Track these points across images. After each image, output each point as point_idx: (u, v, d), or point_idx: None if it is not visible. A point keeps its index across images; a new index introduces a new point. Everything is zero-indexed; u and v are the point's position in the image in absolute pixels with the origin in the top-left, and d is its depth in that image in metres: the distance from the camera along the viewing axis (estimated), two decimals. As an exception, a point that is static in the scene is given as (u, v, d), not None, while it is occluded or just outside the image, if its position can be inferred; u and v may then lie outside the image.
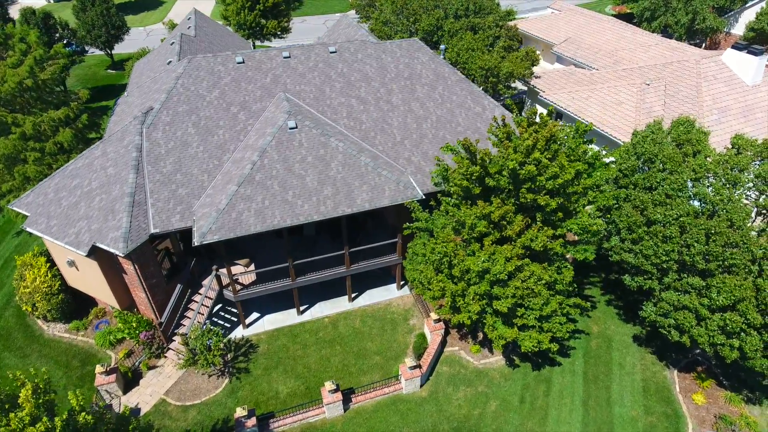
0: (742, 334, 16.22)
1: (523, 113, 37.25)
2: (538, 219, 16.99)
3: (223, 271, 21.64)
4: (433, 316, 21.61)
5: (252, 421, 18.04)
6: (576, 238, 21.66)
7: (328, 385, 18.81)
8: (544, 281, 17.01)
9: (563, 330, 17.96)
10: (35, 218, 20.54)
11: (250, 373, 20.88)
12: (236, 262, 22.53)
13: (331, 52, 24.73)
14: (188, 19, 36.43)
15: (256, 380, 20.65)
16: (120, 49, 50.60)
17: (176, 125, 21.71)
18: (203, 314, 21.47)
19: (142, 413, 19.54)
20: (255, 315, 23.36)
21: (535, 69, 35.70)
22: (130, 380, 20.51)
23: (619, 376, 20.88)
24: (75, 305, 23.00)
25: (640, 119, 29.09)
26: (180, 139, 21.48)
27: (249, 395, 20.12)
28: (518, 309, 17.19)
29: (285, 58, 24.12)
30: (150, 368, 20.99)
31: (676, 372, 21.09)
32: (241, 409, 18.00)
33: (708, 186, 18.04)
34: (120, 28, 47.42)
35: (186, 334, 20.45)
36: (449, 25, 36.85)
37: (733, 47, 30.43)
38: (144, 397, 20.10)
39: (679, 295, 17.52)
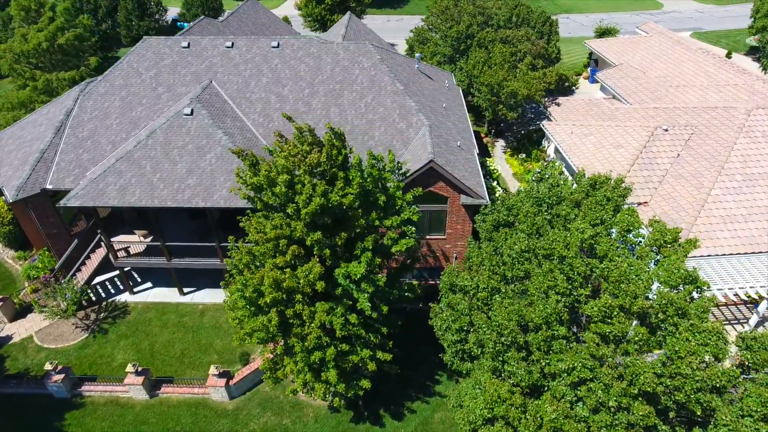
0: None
1: (543, 142, 32.89)
2: (314, 252, 14.93)
3: (124, 237, 23.28)
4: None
5: (59, 377, 19.24)
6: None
7: (130, 367, 19.13)
8: (317, 323, 14.97)
9: (341, 385, 15.64)
10: (-14, 158, 24.30)
11: (106, 335, 22.17)
12: (134, 231, 23.95)
13: (272, 47, 24.51)
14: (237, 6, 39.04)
15: (106, 343, 21.87)
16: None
17: (107, 97, 23.68)
18: (90, 269, 23.30)
19: (10, 342, 22.10)
20: (148, 284, 24.61)
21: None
22: (19, 312, 23.29)
23: (442, 462, 17.52)
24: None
25: (634, 169, 23.44)
26: (104, 109, 23.39)
27: (92, 354, 21.41)
28: (278, 346, 15.41)
29: (227, 48, 24.59)
30: (43, 307, 23.52)
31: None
32: (49, 364, 19.32)
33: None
34: (217, 10, 52.81)
35: (61, 284, 22.45)
36: (482, 35, 33.67)
37: (802, 99, 22.70)
38: (21, 330, 22.67)
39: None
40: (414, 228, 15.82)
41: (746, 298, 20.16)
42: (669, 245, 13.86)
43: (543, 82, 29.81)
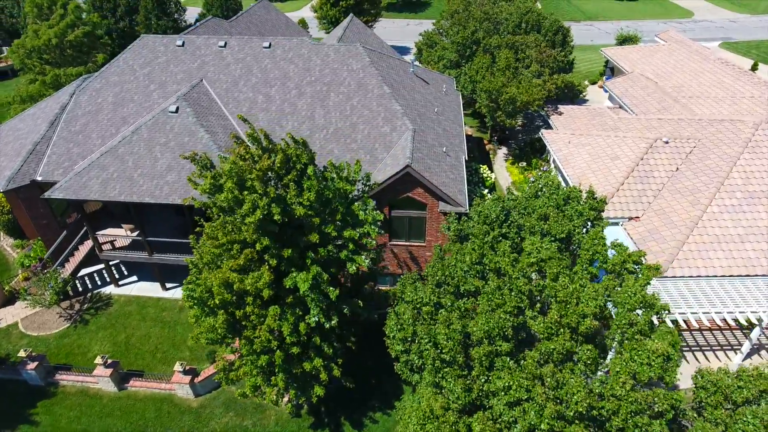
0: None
1: (546, 151, 31.93)
2: (266, 259, 14.69)
3: (111, 231, 23.73)
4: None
5: (32, 365, 19.63)
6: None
7: (98, 359, 19.35)
8: (266, 327, 14.76)
9: (292, 392, 15.39)
10: (-13, 148, 25.15)
11: (87, 326, 22.55)
12: (121, 225, 24.32)
13: (264, 47, 24.57)
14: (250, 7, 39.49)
15: (86, 333, 22.23)
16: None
17: (101, 92, 24.18)
18: (77, 260, 23.79)
19: (-3, 327, 22.78)
20: (133, 278, 24.96)
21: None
22: (8, 299, 23.94)
23: (397, 476, 16.97)
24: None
25: (628, 181, 22.41)
26: (98, 105, 23.89)
27: (70, 344, 21.80)
28: (230, 348, 15.25)
29: (220, 47, 24.77)
30: (29, 294, 24.11)
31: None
32: (23, 352, 19.73)
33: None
34: (236, 10, 53.61)
35: (45, 274, 22.96)
36: (488, 41, 33.04)
37: (814, 113, 21.24)
38: (8, 316, 23.30)
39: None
40: (373, 242, 15.32)
41: (734, 324, 18.92)
42: (632, 273, 13.10)
43: (543, 89, 28.93)
